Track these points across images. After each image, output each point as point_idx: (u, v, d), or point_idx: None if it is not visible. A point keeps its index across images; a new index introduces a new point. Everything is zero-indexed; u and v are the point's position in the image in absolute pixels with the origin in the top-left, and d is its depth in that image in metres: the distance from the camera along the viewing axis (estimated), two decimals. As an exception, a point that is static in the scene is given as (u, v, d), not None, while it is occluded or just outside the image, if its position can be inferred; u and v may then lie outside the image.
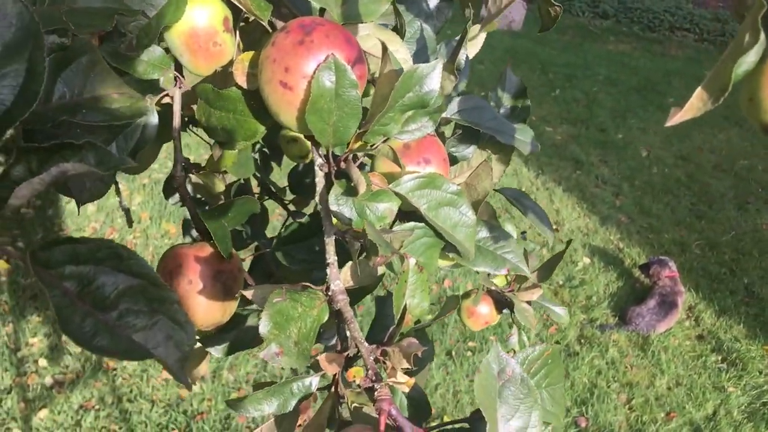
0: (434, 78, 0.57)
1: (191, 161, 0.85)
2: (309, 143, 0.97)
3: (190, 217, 1.08)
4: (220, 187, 0.78)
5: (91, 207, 3.72)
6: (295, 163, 1.18)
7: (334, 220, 0.63)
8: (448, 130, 0.86)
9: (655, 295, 3.36)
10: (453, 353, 3.00)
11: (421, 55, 0.73)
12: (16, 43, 0.36)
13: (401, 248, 0.60)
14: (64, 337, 2.87)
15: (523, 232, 1.28)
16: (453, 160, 0.79)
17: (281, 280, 0.94)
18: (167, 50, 0.73)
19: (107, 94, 0.47)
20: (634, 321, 3.29)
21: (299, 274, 0.85)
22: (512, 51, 7.06)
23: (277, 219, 3.23)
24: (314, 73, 0.57)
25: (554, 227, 4.15)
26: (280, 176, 1.27)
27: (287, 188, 1.24)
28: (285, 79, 0.58)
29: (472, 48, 0.85)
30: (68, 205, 3.77)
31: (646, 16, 8.86)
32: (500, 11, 0.38)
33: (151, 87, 0.73)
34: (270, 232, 1.13)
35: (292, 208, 1.26)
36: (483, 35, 0.86)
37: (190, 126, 0.98)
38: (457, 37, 0.88)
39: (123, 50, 0.57)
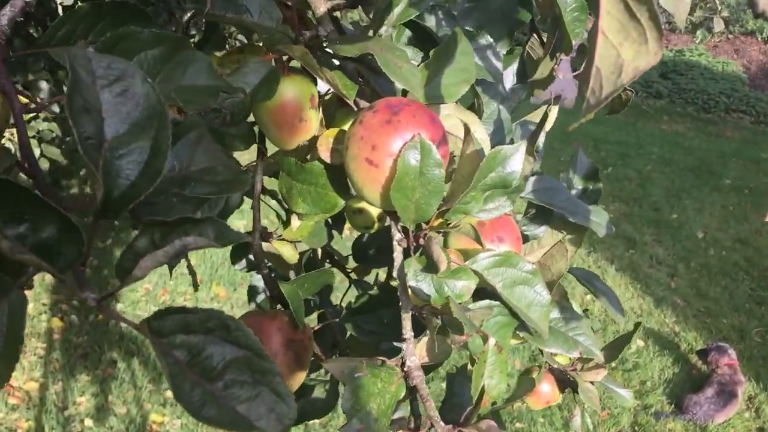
0: (517, 159, 0.58)
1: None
2: (374, 214, 0.99)
3: (257, 284, 1.09)
4: (294, 257, 0.80)
5: (146, 267, 3.79)
6: (360, 233, 1.20)
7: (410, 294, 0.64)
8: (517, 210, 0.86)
9: (713, 383, 3.22)
10: (501, 433, 2.91)
11: (497, 135, 0.74)
12: (143, 122, 0.39)
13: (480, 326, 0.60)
14: (110, 398, 2.89)
15: (585, 310, 1.26)
16: (524, 239, 0.79)
17: (346, 349, 0.94)
18: (253, 123, 0.76)
19: (213, 166, 0.50)
20: (691, 410, 3.15)
21: (366, 344, 0.85)
22: (564, 127, 7.08)
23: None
24: (400, 151, 0.58)
25: (607, 307, 4.05)
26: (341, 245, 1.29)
27: (350, 257, 1.25)
28: (371, 157, 0.60)
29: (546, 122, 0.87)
30: (124, 264, 3.85)
31: (700, 97, 8.83)
32: (600, 104, 0.39)
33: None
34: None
35: (353, 276, 1.27)
36: (554, 115, 0.88)
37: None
38: (529, 116, 0.90)
39: (217, 125, 0.60)
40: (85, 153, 0.37)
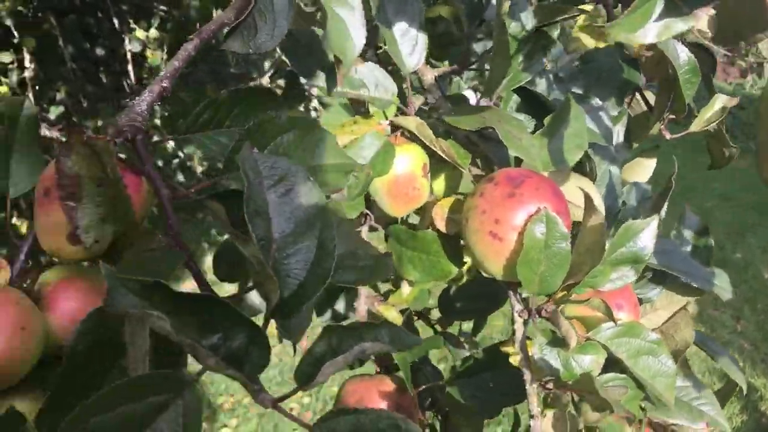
0: (649, 234, 0.57)
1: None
2: (463, 268, 0.98)
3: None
4: (399, 320, 0.80)
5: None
6: (447, 286, 1.18)
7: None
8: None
9: (784, 432, 3.08)
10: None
11: (609, 197, 0.73)
12: (307, 221, 0.39)
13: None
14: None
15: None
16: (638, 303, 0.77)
17: (445, 408, 0.93)
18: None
19: (353, 251, 0.50)
20: (767, 461, 3.00)
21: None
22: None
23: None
24: (525, 224, 0.58)
25: (674, 350, 3.92)
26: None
27: (437, 309, 1.23)
28: (495, 230, 0.59)
29: (641, 174, 0.86)
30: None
31: (761, 131, 8.58)
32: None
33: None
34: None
35: (438, 328, 1.25)
36: (652, 164, 0.86)
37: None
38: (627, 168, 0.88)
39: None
40: (261, 255, 0.37)
